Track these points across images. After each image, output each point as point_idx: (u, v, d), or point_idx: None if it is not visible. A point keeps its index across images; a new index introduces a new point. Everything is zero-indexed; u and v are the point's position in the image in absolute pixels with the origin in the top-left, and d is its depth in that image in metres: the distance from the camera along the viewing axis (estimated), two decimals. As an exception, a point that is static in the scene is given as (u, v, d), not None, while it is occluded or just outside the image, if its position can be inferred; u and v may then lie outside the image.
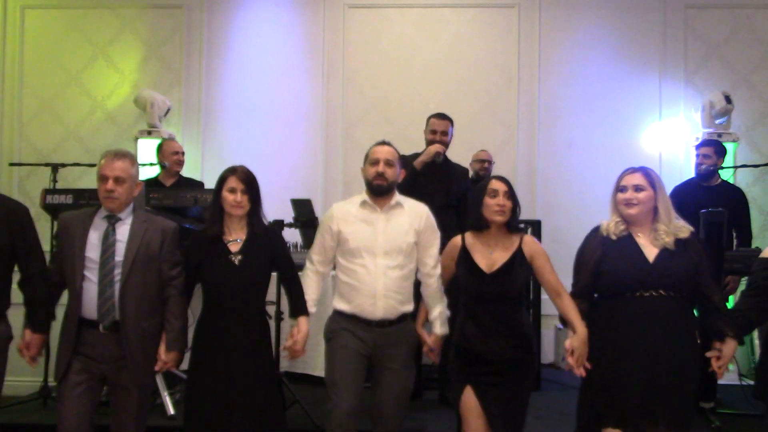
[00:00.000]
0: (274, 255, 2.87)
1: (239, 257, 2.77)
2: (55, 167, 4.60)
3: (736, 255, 3.79)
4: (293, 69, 5.98)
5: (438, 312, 2.94)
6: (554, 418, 3.81)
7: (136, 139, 5.77)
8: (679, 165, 5.65)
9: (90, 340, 2.70)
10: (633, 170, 2.70)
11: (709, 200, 4.20)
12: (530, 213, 5.36)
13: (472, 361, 2.70)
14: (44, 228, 3.90)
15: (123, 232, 2.77)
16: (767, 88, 5.75)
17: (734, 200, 4.49)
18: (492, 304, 2.71)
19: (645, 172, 2.68)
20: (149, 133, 5.71)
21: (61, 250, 2.78)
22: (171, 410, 3.73)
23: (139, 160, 5.36)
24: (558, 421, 3.76)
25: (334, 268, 3.01)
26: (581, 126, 5.80)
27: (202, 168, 5.89)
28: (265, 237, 2.86)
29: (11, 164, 5.65)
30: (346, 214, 2.93)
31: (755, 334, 4.64)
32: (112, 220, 2.78)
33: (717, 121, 5.47)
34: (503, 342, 2.67)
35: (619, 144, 5.68)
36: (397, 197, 2.96)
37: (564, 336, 5.14)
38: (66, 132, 6.05)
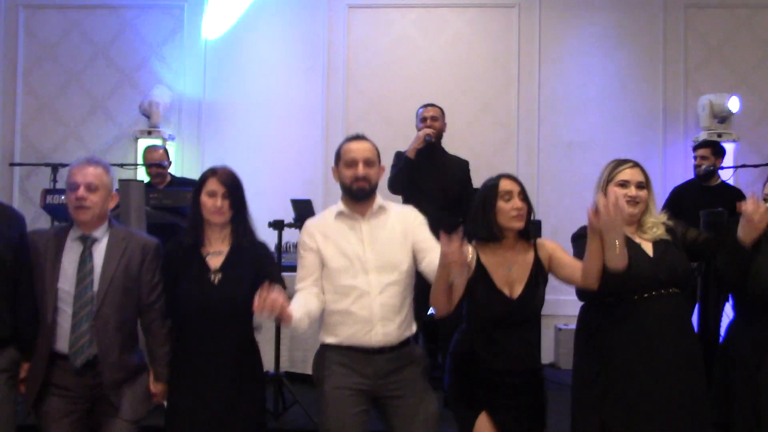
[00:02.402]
0: (261, 273, 2.43)
1: (219, 275, 2.41)
2: (55, 167, 4.60)
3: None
4: (294, 69, 5.98)
5: None
6: (553, 418, 3.80)
7: (136, 139, 5.77)
8: (679, 165, 5.65)
9: (63, 375, 2.40)
10: (633, 163, 2.47)
11: (709, 201, 4.20)
12: (530, 213, 5.36)
13: (485, 386, 2.40)
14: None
15: (99, 254, 2.42)
16: (767, 88, 5.75)
17: (734, 200, 4.48)
18: (515, 327, 2.39)
19: (642, 167, 2.47)
20: (149, 133, 5.71)
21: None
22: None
23: (140, 161, 5.45)
24: (557, 421, 3.76)
25: None
26: (581, 126, 5.80)
27: (202, 168, 5.84)
28: (252, 252, 2.48)
29: (11, 164, 5.66)
30: (324, 229, 2.47)
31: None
32: (88, 241, 2.41)
33: (716, 122, 5.47)
34: (521, 363, 2.41)
35: (619, 144, 5.66)
36: (379, 200, 2.51)
37: (564, 336, 5.16)
38: (66, 132, 6.05)
